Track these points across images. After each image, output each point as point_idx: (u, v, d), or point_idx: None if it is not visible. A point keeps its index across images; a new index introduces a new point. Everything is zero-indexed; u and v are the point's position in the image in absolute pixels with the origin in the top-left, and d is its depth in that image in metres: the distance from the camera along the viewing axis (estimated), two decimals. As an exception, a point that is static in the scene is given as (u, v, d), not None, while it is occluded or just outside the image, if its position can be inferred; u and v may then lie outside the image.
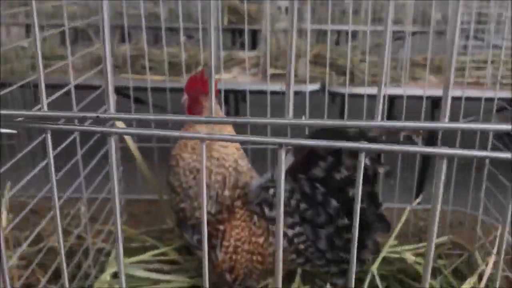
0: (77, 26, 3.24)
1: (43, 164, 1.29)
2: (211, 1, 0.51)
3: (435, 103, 3.21)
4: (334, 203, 1.17)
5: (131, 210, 1.87)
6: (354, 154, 1.11)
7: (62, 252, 0.70)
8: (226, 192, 1.30)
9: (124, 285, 0.68)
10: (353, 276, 0.64)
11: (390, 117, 3.71)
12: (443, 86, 0.55)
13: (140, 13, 1.86)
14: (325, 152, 1.14)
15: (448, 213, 1.71)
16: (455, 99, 1.89)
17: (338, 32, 4.68)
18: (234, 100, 3.78)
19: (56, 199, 0.63)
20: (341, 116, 4.70)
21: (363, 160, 0.57)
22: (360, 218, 1.14)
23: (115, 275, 1.49)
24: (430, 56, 2.03)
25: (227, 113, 3.61)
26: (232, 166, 1.32)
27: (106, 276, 1.46)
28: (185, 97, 1.36)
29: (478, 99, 1.78)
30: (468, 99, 1.79)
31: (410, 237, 1.70)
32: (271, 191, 1.25)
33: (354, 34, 4.72)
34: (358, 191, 0.58)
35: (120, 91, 2.97)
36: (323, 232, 1.22)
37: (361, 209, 1.12)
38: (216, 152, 1.31)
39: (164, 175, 1.40)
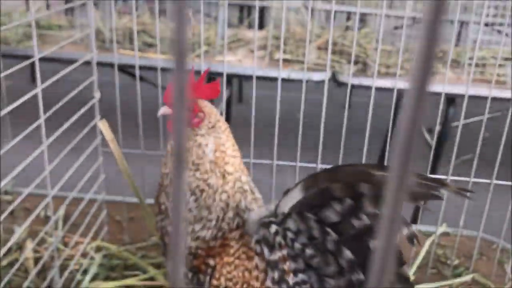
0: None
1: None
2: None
3: (450, 101, 3.00)
4: (348, 254, 0.97)
5: (114, 215, 1.68)
6: (378, 200, 0.91)
7: None
8: (230, 214, 1.11)
9: None
10: None
11: (397, 112, 3.49)
12: None
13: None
14: (343, 192, 0.94)
15: (478, 239, 1.51)
16: (475, 98, 1.71)
17: (348, 15, 4.41)
18: (238, 83, 3.55)
19: None
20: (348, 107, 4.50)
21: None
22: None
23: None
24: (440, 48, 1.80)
25: (230, 97, 3.40)
26: (238, 184, 1.13)
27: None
28: (164, 109, 1.12)
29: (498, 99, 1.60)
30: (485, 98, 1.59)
31: (429, 267, 1.51)
32: (273, 228, 1.05)
33: (363, 17, 4.45)
34: None
35: (123, 69, 2.77)
36: (332, 283, 1.02)
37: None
38: (222, 166, 1.12)
39: (151, 183, 1.22)
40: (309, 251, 1.02)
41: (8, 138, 1.19)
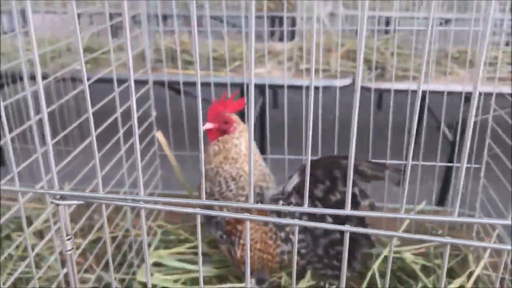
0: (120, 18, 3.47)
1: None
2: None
3: (466, 99, 3.27)
4: (329, 219, 1.40)
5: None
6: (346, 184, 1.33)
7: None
8: (256, 191, 1.55)
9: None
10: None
11: (421, 111, 3.83)
12: None
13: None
14: (324, 177, 1.37)
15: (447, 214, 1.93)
16: (487, 95, 2.02)
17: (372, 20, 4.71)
18: (271, 93, 3.96)
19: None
20: (377, 109, 4.85)
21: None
22: (350, 236, 1.38)
23: (155, 264, 1.77)
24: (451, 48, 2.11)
25: (263, 104, 3.83)
26: (261, 167, 1.57)
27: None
28: (207, 125, 1.56)
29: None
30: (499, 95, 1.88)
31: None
32: (280, 202, 1.49)
33: (388, 21, 4.77)
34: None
35: (170, 86, 3.22)
36: (321, 241, 1.46)
37: (351, 227, 1.36)
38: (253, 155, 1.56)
39: (195, 178, 1.66)
40: (304, 218, 1.45)
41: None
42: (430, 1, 0.62)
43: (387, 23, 4.92)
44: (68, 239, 0.74)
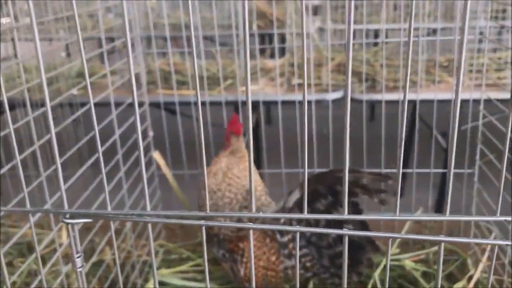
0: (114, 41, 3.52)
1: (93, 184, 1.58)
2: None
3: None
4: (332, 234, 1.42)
5: (168, 225, 2.16)
6: (349, 196, 1.35)
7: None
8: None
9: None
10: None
11: (413, 120, 3.87)
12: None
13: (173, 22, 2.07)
14: (326, 191, 1.39)
15: (445, 222, 1.95)
16: (474, 102, 2.03)
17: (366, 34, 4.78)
18: (265, 109, 3.99)
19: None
20: (370, 121, 4.91)
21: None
22: (355, 242, 1.41)
23: (158, 283, 1.78)
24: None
25: (257, 121, 3.87)
26: (260, 187, 1.60)
27: (150, 285, 1.75)
28: None
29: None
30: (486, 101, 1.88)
31: (411, 245, 1.93)
32: (282, 220, 1.51)
33: (377, 34, 4.84)
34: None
35: (165, 106, 3.25)
36: (326, 252, 1.48)
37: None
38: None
39: (194, 198, 1.69)
40: (308, 233, 1.47)
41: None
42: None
43: (376, 35, 5.00)
44: (78, 257, 0.77)
